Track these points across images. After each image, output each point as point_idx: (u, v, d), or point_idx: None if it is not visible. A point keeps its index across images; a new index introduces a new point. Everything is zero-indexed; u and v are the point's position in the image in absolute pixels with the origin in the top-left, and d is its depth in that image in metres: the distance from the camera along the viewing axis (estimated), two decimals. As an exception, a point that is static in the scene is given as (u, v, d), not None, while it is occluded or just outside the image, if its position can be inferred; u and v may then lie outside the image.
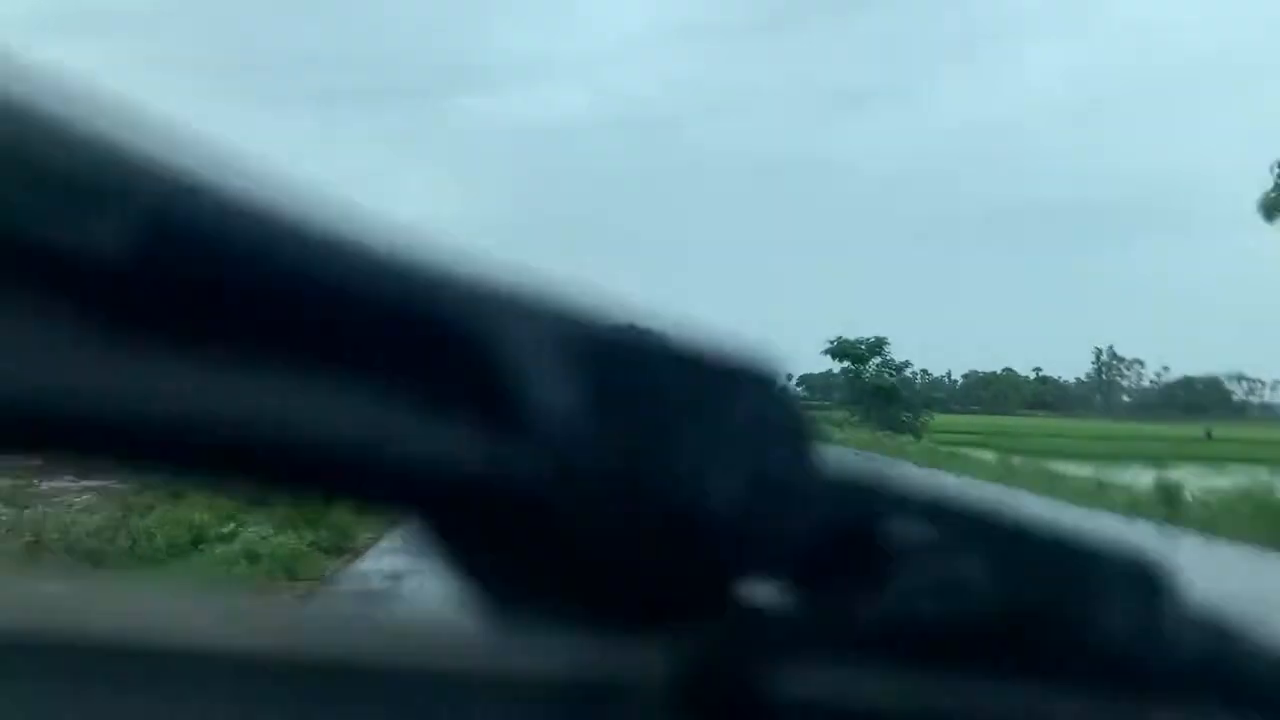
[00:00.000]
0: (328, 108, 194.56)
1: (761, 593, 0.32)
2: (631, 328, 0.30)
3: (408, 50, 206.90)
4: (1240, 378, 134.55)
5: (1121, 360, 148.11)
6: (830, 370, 61.92)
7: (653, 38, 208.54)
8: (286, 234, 0.26)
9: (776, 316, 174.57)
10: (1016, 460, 24.64)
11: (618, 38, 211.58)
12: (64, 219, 0.23)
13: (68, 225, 0.23)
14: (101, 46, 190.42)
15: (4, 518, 9.11)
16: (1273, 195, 21.98)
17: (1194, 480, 17.02)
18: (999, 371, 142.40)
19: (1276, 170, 21.90)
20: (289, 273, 0.26)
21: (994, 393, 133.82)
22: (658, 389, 0.31)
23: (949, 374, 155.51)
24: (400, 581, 7.52)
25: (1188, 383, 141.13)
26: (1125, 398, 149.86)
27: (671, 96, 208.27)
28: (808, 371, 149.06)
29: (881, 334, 49.67)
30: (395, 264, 0.27)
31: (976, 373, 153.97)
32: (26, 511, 9.20)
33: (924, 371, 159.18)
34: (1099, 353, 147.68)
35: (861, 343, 49.75)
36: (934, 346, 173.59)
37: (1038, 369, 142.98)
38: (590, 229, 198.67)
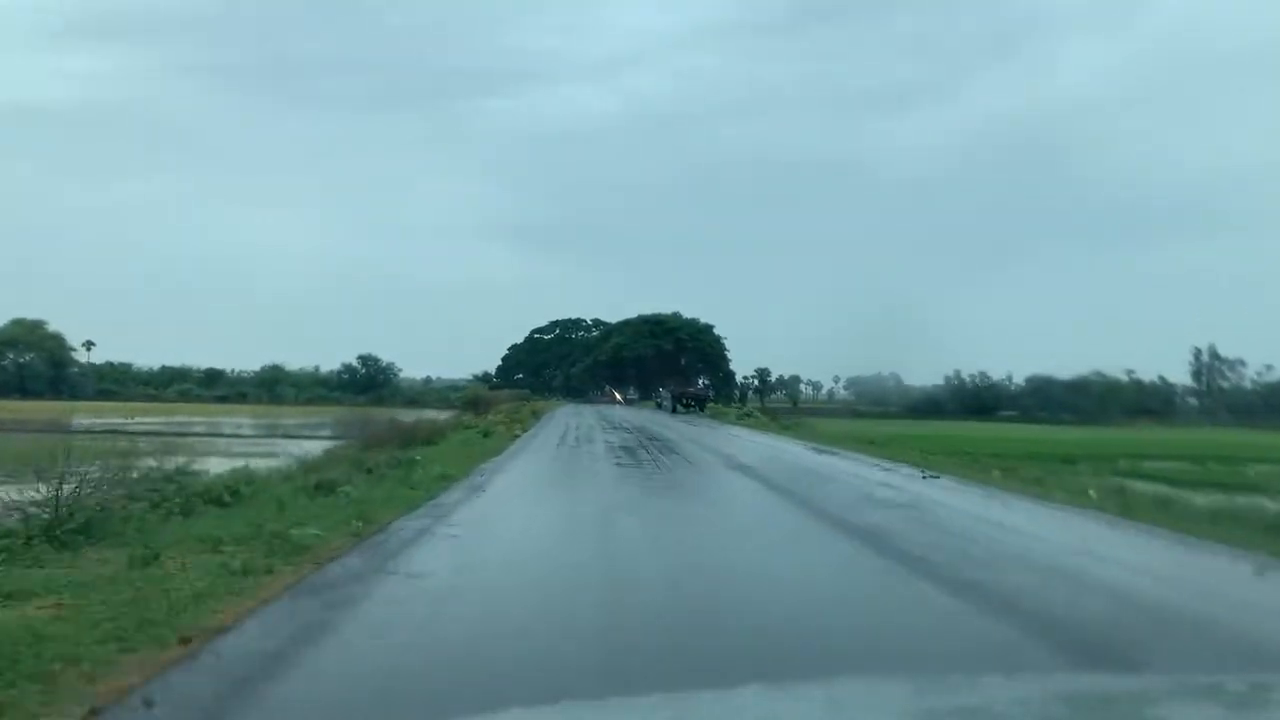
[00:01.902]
0: (350, 111, 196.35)
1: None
2: None
3: (429, 54, 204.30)
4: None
5: (1223, 360, 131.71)
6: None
7: (677, 37, 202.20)
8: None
9: (813, 320, 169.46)
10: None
11: (640, 38, 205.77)
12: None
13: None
14: (125, 52, 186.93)
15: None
16: None
17: None
18: (1087, 374, 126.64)
19: None
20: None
21: (1090, 398, 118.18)
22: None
23: (1009, 376, 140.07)
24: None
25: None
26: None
27: (696, 97, 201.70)
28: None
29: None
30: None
31: (1039, 376, 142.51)
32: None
33: (982, 374, 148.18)
34: (1198, 352, 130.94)
35: None
36: (980, 348, 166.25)
37: (1130, 371, 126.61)
38: (614, 231, 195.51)
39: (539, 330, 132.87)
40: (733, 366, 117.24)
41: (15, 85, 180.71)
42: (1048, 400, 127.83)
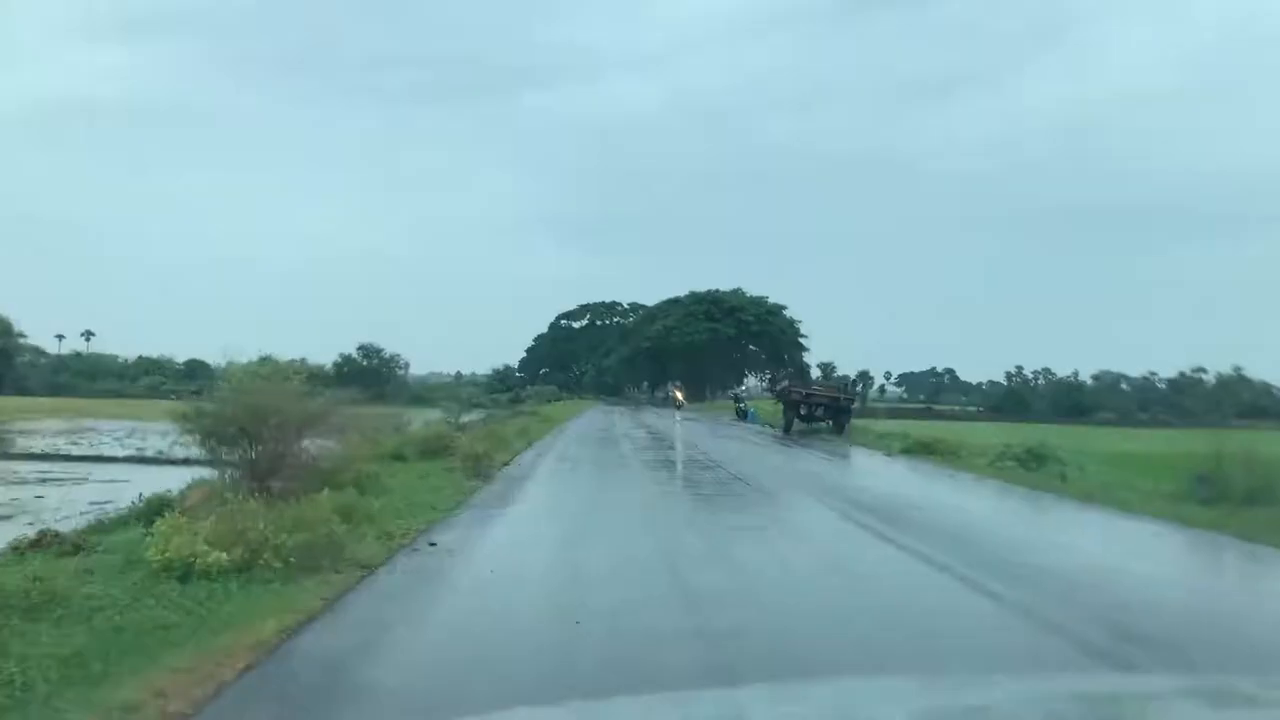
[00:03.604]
0: (398, 106, 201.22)
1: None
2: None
3: (475, 48, 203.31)
4: None
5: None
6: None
7: (724, 29, 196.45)
8: None
9: (857, 314, 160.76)
10: None
11: (688, 30, 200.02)
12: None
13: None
14: (172, 47, 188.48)
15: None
16: None
17: None
18: (1188, 371, 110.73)
19: None
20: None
21: (1198, 399, 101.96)
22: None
23: (1075, 374, 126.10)
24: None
25: None
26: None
27: (744, 89, 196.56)
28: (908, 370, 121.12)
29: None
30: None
31: (1109, 373, 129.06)
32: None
33: (1047, 370, 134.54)
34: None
35: None
36: (1031, 344, 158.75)
37: (1238, 368, 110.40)
38: (661, 224, 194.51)
39: (566, 315, 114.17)
40: (808, 358, 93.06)
41: (47, 79, 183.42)
42: (1139, 400, 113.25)
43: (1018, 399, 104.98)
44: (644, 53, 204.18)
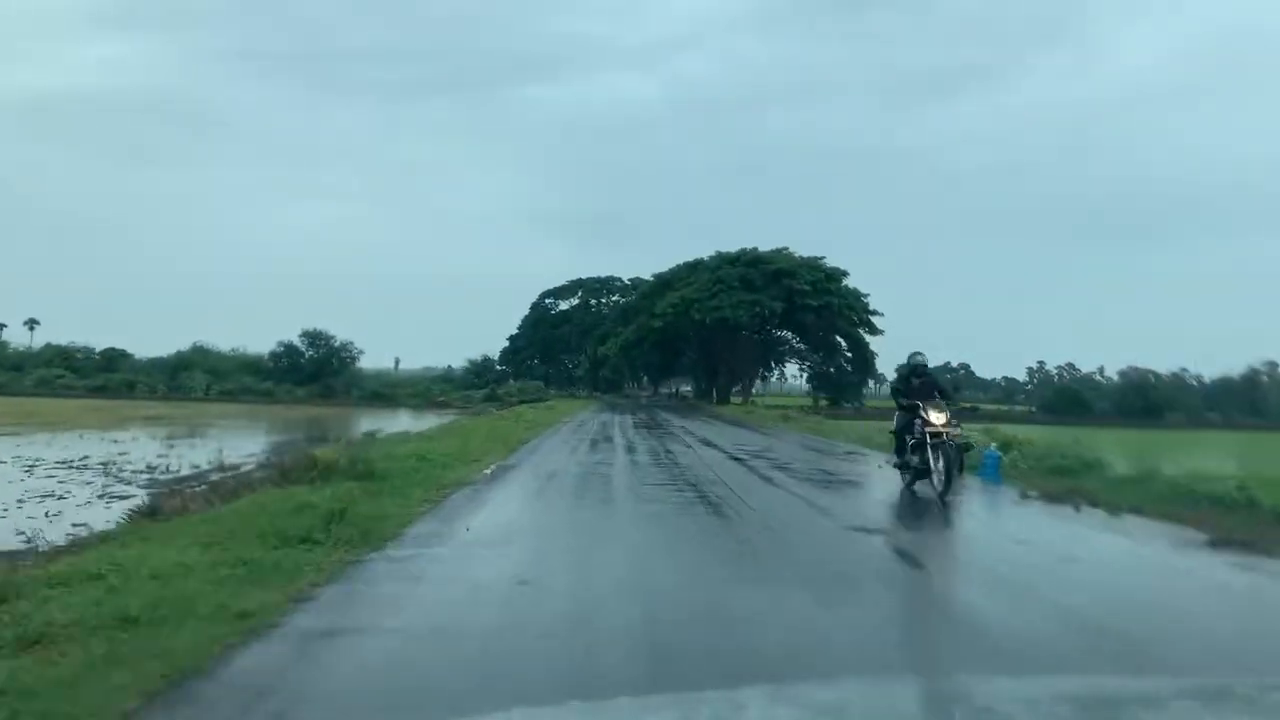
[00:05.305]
0: (394, 99, 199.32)
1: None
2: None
3: (471, 41, 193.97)
4: None
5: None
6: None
7: (725, 21, 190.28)
8: None
9: (878, 312, 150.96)
10: None
11: (688, 22, 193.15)
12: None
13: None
14: (169, 40, 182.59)
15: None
16: None
17: None
18: (1259, 365, 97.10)
19: None
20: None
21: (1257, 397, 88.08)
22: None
23: (1101, 369, 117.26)
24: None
25: None
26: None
27: (745, 82, 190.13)
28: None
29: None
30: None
31: (1137, 369, 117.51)
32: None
33: (1070, 366, 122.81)
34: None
35: None
36: (1053, 340, 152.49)
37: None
38: (659, 219, 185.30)
39: (551, 293, 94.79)
40: (874, 342, 71.80)
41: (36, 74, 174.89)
42: (1204, 397, 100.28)
43: (1074, 398, 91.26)
44: (643, 45, 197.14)
